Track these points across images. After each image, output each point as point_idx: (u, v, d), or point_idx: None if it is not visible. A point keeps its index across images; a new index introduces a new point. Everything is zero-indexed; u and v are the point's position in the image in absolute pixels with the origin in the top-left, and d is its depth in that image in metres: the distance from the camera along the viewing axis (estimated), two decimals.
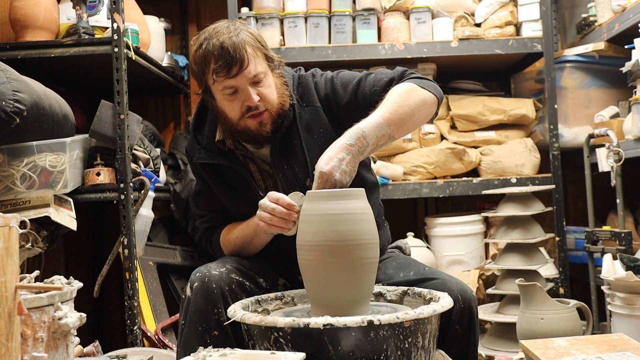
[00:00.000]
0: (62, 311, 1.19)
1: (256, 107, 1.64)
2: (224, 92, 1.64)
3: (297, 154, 1.72)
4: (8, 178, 2.02)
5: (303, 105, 1.75)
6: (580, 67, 2.89)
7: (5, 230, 1.03)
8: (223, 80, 1.62)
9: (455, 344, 1.60)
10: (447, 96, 2.98)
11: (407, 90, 1.62)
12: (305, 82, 1.78)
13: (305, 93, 1.76)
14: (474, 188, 2.79)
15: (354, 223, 1.42)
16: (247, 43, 1.61)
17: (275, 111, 1.68)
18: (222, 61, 1.59)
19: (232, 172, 1.75)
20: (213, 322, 1.56)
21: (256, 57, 1.63)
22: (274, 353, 1.27)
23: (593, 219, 2.63)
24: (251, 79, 1.62)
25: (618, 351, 1.46)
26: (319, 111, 1.74)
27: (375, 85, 1.71)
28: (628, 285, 1.96)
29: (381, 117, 1.52)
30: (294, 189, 1.65)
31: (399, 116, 1.55)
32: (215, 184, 1.79)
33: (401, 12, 2.88)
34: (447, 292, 1.53)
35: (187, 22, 3.37)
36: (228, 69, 1.60)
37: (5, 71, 1.88)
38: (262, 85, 1.65)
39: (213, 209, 1.85)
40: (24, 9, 2.29)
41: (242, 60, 1.60)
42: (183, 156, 2.99)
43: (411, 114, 1.58)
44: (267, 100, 1.65)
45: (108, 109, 2.23)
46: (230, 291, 1.60)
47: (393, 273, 1.74)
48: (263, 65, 1.65)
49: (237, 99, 1.64)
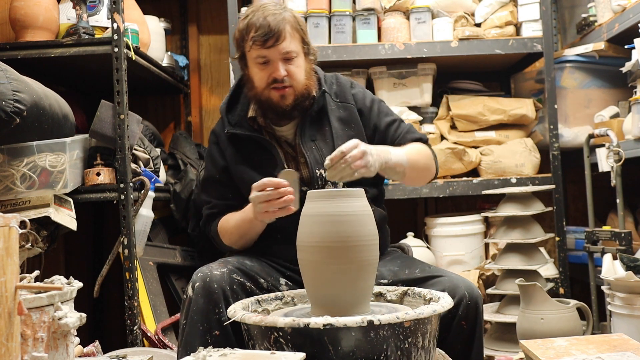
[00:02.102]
0: (62, 311, 1.19)
1: (282, 80, 1.78)
2: (257, 60, 1.79)
3: (327, 137, 1.86)
4: (8, 178, 2.02)
5: (337, 101, 1.91)
6: (580, 67, 2.89)
7: (5, 230, 1.03)
8: (258, 49, 1.77)
9: (461, 339, 1.65)
10: (447, 96, 2.98)
11: (427, 156, 1.88)
12: (343, 83, 1.96)
13: (341, 92, 1.93)
14: (474, 188, 2.79)
15: (354, 223, 1.42)
16: (287, 22, 1.77)
17: (299, 90, 1.82)
18: (261, 31, 1.74)
19: (259, 148, 1.86)
20: (214, 322, 1.57)
21: (293, 37, 1.78)
22: (274, 353, 1.27)
23: (593, 219, 2.63)
24: (283, 55, 1.77)
25: (618, 351, 1.46)
26: (353, 109, 1.91)
27: (406, 133, 1.91)
28: (628, 285, 1.96)
29: (405, 154, 1.76)
30: (320, 166, 1.80)
31: (414, 163, 1.78)
32: (237, 157, 1.88)
33: (401, 12, 2.88)
34: (455, 289, 1.62)
35: (187, 22, 3.37)
36: (265, 40, 1.75)
37: (5, 71, 1.88)
38: (292, 63, 1.79)
39: (220, 197, 1.92)
40: (24, 9, 2.29)
41: (279, 35, 1.75)
42: (183, 156, 2.99)
43: (421, 170, 1.84)
44: (294, 77, 1.80)
45: (108, 109, 2.23)
46: (231, 291, 1.61)
47: (398, 270, 1.78)
48: (297, 46, 1.80)
49: (266, 69, 1.79)
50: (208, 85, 3.40)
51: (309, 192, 1.48)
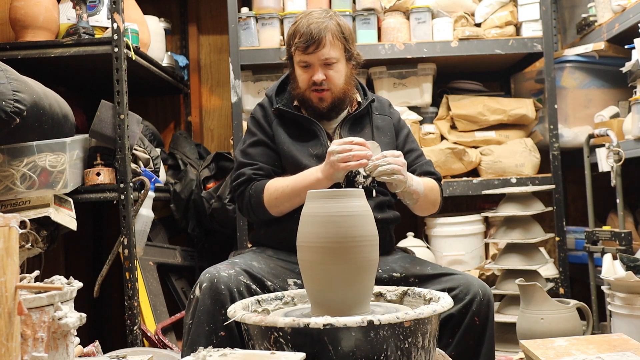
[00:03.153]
0: (62, 311, 1.19)
1: (320, 83, 1.91)
2: (299, 64, 1.94)
3: (365, 137, 1.93)
4: (8, 178, 2.02)
5: (377, 113, 2.06)
6: (580, 67, 2.89)
7: (5, 230, 1.03)
8: (300, 54, 1.92)
9: (473, 335, 1.72)
10: (447, 96, 2.98)
11: (437, 192, 2.01)
12: (383, 101, 2.13)
13: (381, 107, 2.09)
14: (474, 188, 2.79)
15: (354, 223, 1.42)
16: (329, 30, 1.89)
17: (337, 93, 1.94)
18: (303, 38, 1.89)
19: (301, 127, 1.97)
20: (220, 322, 1.58)
21: (334, 44, 1.90)
22: (274, 353, 1.27)
23: (593, 219, 2.63)
24: (323, 60, 1.90)
25: (618, 351, 1.46)
26: (390, 122, 2.07)
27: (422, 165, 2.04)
28: (628, 285, 1.96)
29: (423, 185, 1.89)
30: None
31: (427, 196, 1.92)
32: (282, 133, 1.97)
33: (401, 12, 2.88)
34: (469, 286, 1.73)
35: (187, 22, 3.37)
36: (306, 46, 1.89)
37: (5, 71, 1.88)
38: (332, 68, 1.92)
39: (268, 161, 1.97)
40: (24, 9, 2.29)
41: (319, 43, 1.88)
42: (183, 156, 2.99)
43: (429, 203, 1.98)
44: (332, 81, 1.92)
45: (108, 109, 2.23)
46: (238, 293, 1.63)
47: (409, 266, 1.87)
48: (338, 53, 1.92)
49: (307, 72, 1.93)
50: (208, 85, 3.40)
51: (309, 192, 1.48)
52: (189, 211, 2.86)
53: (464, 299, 1.72)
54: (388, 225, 1.97)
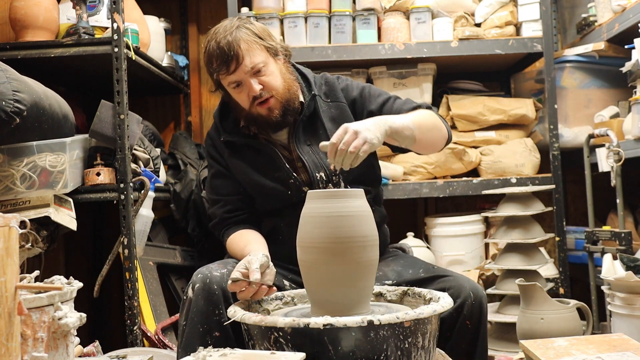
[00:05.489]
0: (62, 311, 1.19)
1: (260, 94, 1.77)
2: (230, 86, 1.79)
3: (322, 140, 1.78)
4: (8, 178, 2.02)
5: (328, 101, 1.89)
6: (580, 67, 2.89)
7: (5, 230, 1.03)
8: (226, 77, 1.77)
9: (465, 339, 1.67)
10: (447, 96, 2.98)
11: (430, 114, 1.81)
12: (331, 82, 1.93)
13: (331, 91, 1.90)
14: (474, 188, 2.79)
15: (354, 223, 1.42)
16: (240, 39, 1.74)
17: (281, 95, 1.80)
18: (220, 60, 1.75)
19: (256, 150, 1.86)
20: (214, 323, 1.57)
21: (252, 50, 1.75)
22: (274, 353, 1.27)
23: (593, 219, 2.63)
24: (250, 71, 1.75)
25: (618, 351, 1.46)
26: (344, 107, 1.89)
27: (403, 105, 1.86)
28: (628, 285, 1.96)
29: (408, 117, 1.70)
30: (319, 170, 1.81)
31: (421, 124, 1.72)
32: (236, 163, 1.88)
33: (401, 12, 2.88)
34: (460, 288, 1.64)
35: (187, 22, 3.37)
36: (227, 66, 1.75)
37: (5, 71, 1.88)
38: (263, 74, 1.77)
39: (230, 192, 1.91)
40: (24, 9, 2.29)
41: (237, 56, 1.73)
42: (183, 156, 2.99)
43: (430, 130, 1.77)
44: (270, 86, 1.78)
45: (108, 109, 2.23)
46: (231, 292, 1.61)
47: (402, 270, 1.79)
48: (262, 56, 1.77)
49: (242, 90, 1.78)
50: (208, 85, 3.39)
51: (309, 192, 1.48)
52: (189, 211, 2.86)
53: (455, 302, 1.64)
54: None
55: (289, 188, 1.82)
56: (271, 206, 1.87)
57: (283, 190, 1.82)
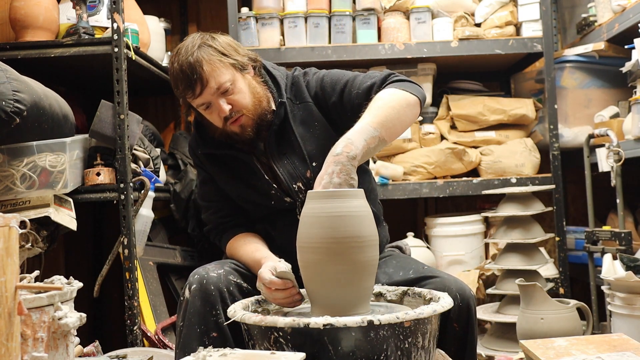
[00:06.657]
0: (62, 311, 1.19)
1: (231, 115, 1.70)
2: (200, 108, 1.73)
3: (295, 148, 1.78)
4: (8, 178, 2.02)
5: (296, 103, 1.81)
6: (580, 67, 2.89)
7: (5, 230, 1.03)
8: (193, 100, 1.71)
9: (453, 342, 1.62)
10: (447, 96, 2.98)
11: (390, 95, 1.62)
12: (297, 81, 1.83)
13: (297, 91, 1.82)
14: (474, 188, 2.79)
15: (354, 223, 1.42)
16: (203, 60, 1.67)
17: (252, 112, 1.73)
18: (184, 84, 1.69)
19: (236, 161, 1.81)
20: (211, 323, 1.57)
21: (216, 70, 1.68)
22: (274, 353, 1.27)
23: (593, 219, 2.63)
24: (217, 92, 1.69)
25: (618, 351, 1.46)
26: (311, 106, 1.80)
27: (358, 89, 1.72)
28: (628, 285, 1.96)
29: (366, 122, 1.52)
30: (295, 180, 1.75)
31: (384, 118, 1.54)
32: (218, 174, 1.85)
33: (401, 12, 2.88)
34: (446, 290, 1.56)
35: (187, 22, 3.37)
36: (192, 90, 1.69)
37: (5, 71, 1.88)
38: (231, 92, 1.70)
39: (221, 198, 1.89)
40: (24, 9, 2.29)
41: (200, 79, 1.67)
42: (183, 156, 2.99)
43: (397, 115, 1.58)
44: (240, 105, 1.71)
45: (108, 109, 2.23)
46: (228, 293, 1.61)
47: (393, 272, 1.76)
48: (227, 74, 1.69)
49: (212, 111, 1.72)
50: None
51: (309, 192, 1.47)
52: (189, 211, 2.86)
53: None
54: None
55: (271, 198, 1.79)
56: (260, 213, 1.86)
57: (266, 200, 1.80)
